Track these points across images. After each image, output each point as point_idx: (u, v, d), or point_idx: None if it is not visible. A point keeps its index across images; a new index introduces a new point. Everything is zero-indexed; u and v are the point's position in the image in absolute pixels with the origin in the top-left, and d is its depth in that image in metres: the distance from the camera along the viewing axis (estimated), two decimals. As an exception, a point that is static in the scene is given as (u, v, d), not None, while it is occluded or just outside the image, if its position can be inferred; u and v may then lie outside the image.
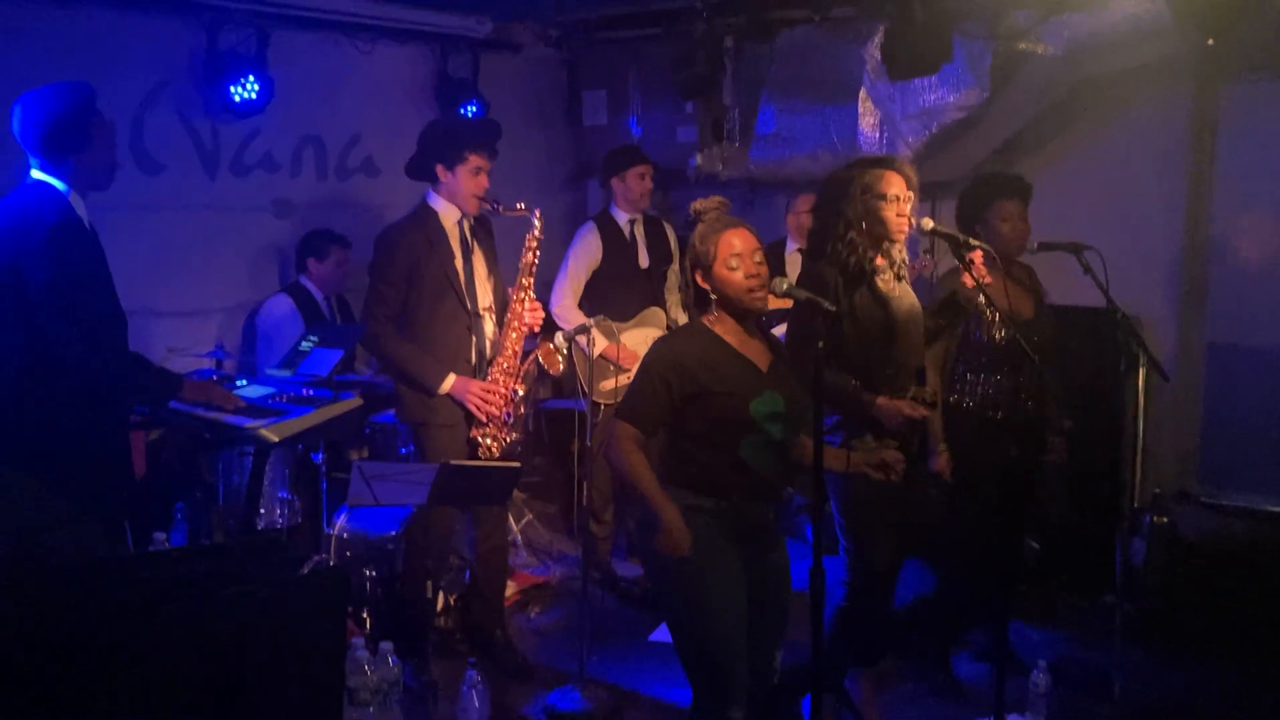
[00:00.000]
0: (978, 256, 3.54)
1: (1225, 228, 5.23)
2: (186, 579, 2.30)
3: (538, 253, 4.33)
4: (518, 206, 4.27)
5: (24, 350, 3.23)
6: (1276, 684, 4.35)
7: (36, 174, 3.32)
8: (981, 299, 3.87)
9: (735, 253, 2.98)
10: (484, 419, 4.23)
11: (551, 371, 4.44)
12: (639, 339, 5.28)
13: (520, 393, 4.31)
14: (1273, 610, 4.64)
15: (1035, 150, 5.52)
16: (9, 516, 3.02)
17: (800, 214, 5.43)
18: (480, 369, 4.30)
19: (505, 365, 4.29)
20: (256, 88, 5.10)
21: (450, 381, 4.19)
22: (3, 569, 2.40)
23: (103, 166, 3.39)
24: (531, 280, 4.32)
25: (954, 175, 5.25)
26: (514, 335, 4.30)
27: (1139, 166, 5.31)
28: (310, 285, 5.33)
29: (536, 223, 4.29)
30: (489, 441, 4.25)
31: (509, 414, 4.29)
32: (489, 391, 4.22)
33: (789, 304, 3.53)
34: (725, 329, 3.04)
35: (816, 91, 5.51)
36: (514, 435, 4.34)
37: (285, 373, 3.98)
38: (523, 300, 4.29)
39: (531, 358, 4.35)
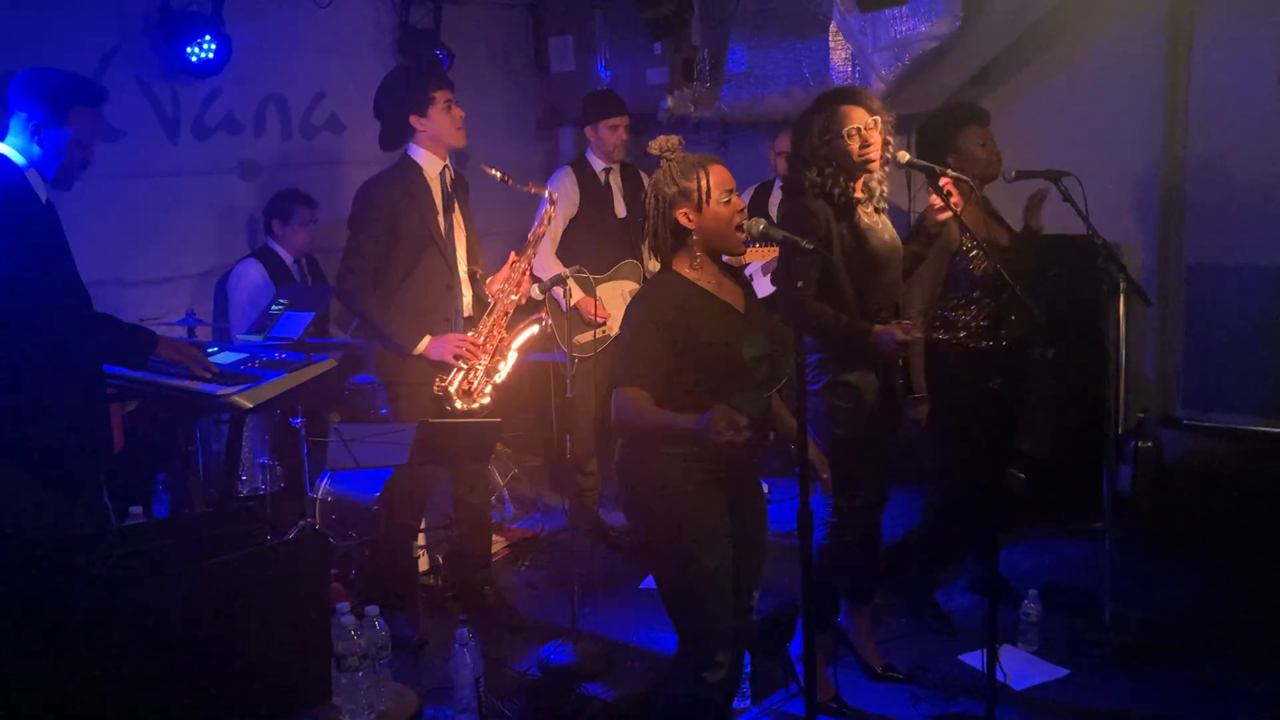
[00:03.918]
0: (948, 183, 3.50)
1: (1202, 147, 5.19)
2: (166, 550, 2.27)
3: (549, 225, 4.45)
4: (529, 188, 4.35)
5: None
6: (1264, 601, 4.37)
7: None
8: (957, 230, 3.83)
9: (727, 187, 2.90)
10: (464, 366, 4.17)
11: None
12: (614, 293, 5.18)
13: (506, 365, 4.25)
14: (1258, 528, 4.67)
15: (1010, 78, 5.47)
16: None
17: (779, 153, 5.37)
18: (458, 327, 4.23)
19: (490, 328, 4.23)
20: (214, 47, 4.97)
21: (425, 343, 4.13)
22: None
23: (69, 160, 3.25)
24: (536, 251, 4.38)
25: (929, 106, 5.18)
26: (509, 300, 4.26)
27: (1114, 89, 5.27)
28: (278, 248, 5.24)
29: (550, 199, 4.42)
30: (459, 404, 4.17)
31: (479, 382, 4.23)
32: (470, 343, 4.16)
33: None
34: (701, 273, 2.94)
35: (786, 27, 5.41)
36: (484, 402, 4.27)
37: (257, 337, 3.93)
38: (525, 270, 4.29)
39: (530, 325, 4.30)
